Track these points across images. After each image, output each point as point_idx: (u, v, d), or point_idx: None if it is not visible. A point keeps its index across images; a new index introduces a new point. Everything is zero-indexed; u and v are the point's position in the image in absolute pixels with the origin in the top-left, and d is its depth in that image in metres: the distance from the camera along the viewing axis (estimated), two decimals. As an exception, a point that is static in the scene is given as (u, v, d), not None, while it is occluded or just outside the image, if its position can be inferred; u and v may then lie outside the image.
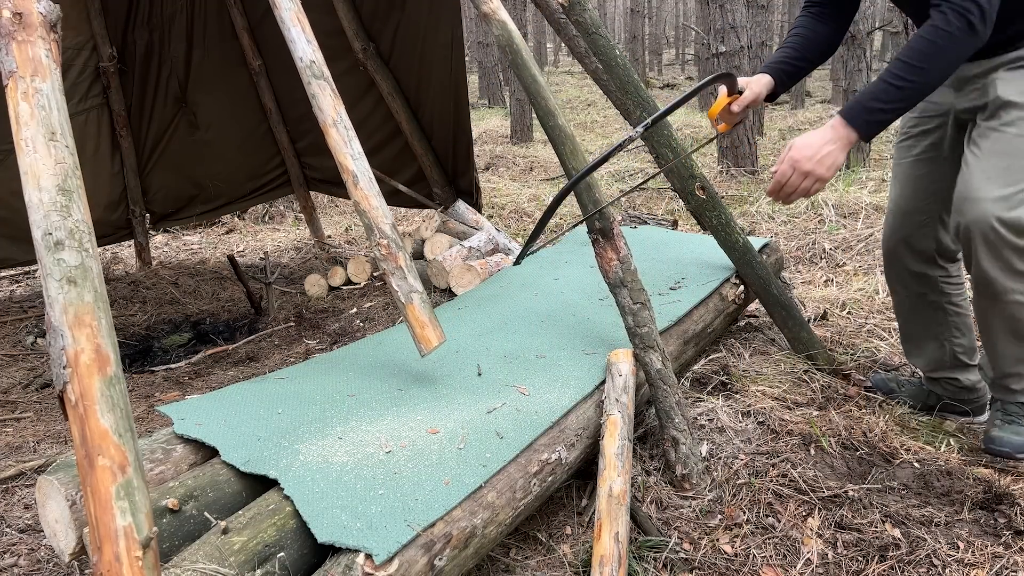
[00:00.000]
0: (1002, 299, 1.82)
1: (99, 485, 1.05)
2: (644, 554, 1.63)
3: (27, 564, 1.75)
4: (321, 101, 1.96)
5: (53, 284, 1.15)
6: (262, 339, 3.63)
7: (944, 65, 1.70)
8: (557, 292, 2.60)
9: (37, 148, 1.23)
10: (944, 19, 1.68)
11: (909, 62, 1.70)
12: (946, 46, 1.68)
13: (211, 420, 1.68)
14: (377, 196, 1.94)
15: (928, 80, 1.71)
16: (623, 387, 1.81)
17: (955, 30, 1.66)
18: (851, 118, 1.75)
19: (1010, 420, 1.93)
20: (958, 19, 1.65)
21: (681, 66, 24.29)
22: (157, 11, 4.49)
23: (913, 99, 1.75)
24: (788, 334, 2.51)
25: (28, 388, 3.11)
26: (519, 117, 10.05)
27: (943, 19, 1.68)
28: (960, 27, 1.65)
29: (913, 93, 1.73)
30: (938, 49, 1.69)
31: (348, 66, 4.22)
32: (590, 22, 2.35)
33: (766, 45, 7.09)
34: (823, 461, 1.97)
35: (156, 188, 5.01)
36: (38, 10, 1.32)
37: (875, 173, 6.08)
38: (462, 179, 4.44)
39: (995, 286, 1.81)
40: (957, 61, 1.71)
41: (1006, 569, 1.57)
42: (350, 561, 1.22)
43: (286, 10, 2.01)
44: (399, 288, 1.88)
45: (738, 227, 2.45)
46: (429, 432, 1.62)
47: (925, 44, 1.70)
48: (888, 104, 1.73)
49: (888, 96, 1.72)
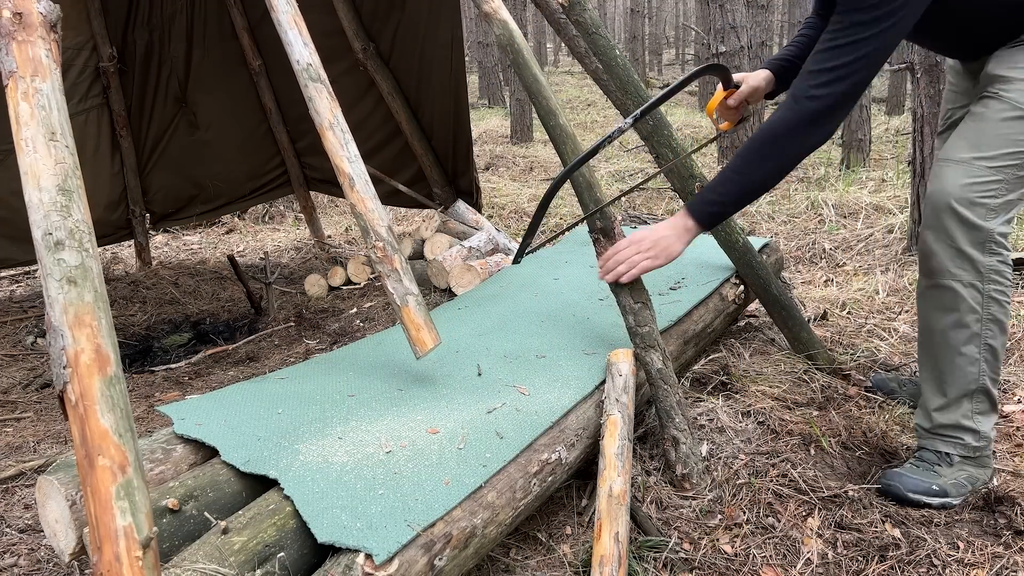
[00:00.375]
0: (936, 280, 1.74)
1: (99, 485, 1.05)
2: (644, 554, 1.63)
3: (27, 564, 1.75)
4: (318, 104, 1.97)
5: (53, 284, 1.15)
6: (262, 339, 3.63)
7: (782, 160, 1.67)
8: (557, 292, 2.60)
9: (37, 148, 1.23)
10: (788, 108, 1.64)
11: (746, 155, 1.68)
12: (785, 138, 1.65)
13: (211, 420, 1.68)
14: (373, 199, 1.94)
15: (764, 175, 1.68)
16: (623, 387, 1.81)
17: (797, 121, 1.62)
18: (692, 207, 1.76)
19: (918, 464, 1.81)
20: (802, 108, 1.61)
21: (681, 66, 24.29)
22: (157, 11, 4.49)
23: (749, 192, 1.72)
24: (788, 334, 2.51)
25: (28, 388, 3.11)
26: (519, 117, 10.05)
27: (788, 107, 1.64)
28: (803, 119, 1.62)
29: (749, 187, 1.71)
30: (776, 141, 1.65)
31: (348, 66, 4.23)
32: (590, 22, 2.35)
33: (766, 45, 7.08)
34: (823, 461, 1.97)
35: (156, 188, 5.01)
36: (38, 10, 1.32)
37: (875, 173, 6.08)
38: (462, 179, 4.44)
39: (932, 261, 1.73)
40: (796, 155, 1.67)
41: (1006, 569, 1.57)
42: (350, 561, 1.22)
43: (283, 12, 2.02)
44: (395, 290, 1.88)
45: (738, 227, 2.45)
46: (429, 432, 1.62)
47: (764, 135, 1.66)
48: (724, 196, 1.72)
49: (725, 188, 1.72)
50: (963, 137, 1.73)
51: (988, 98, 1.70)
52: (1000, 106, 1.67)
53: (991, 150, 1.67)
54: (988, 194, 1.66)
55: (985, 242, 1.68)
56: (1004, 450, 2.01)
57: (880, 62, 1.59)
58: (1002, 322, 1.72)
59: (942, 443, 1.80)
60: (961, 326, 1.73)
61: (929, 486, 1.76)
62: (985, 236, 1.67)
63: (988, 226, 1.67)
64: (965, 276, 1.70)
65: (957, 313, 1.72)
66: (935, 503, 1.75)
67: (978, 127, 1.70)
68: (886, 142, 8.01)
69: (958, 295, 1.71)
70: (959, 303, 1.72)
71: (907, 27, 1.58)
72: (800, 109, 1.62)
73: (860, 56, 1.56)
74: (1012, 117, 1.66)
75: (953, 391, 1.77)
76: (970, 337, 1.73)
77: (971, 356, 1.73)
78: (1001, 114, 1.67)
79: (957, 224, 1.68)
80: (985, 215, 1.67)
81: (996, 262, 1.69)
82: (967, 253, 1.68)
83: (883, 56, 1.59)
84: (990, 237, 1.67)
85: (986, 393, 1.76)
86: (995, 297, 1.70)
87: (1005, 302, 1.72)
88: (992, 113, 1.68)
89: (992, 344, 1.73)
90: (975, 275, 1.69)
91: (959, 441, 1.78)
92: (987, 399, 1.77)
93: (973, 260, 1.68)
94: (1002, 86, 1.67)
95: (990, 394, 1.76)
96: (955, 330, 1.74)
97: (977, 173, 1.67)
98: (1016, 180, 1.68)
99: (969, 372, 1.74)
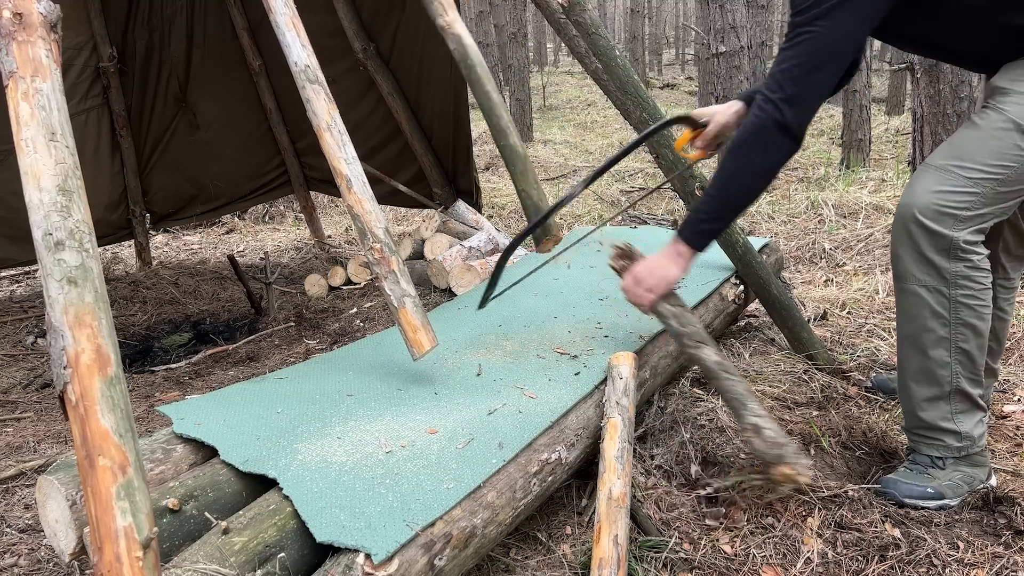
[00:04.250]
0: (902, 284, 1.72)
1: (100, 485, 1.06)
2: (644, 554, 1.63)
3: (27, 564, 1.75)
4: (315, 105, 1.97)
5: (53, 284, 1.15)
6: (262, 339, 3.63)
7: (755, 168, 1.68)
8: (557, 292, 2.60)
9: (37, 148, 1.23)
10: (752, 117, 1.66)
11: (721, 171, 1.71)
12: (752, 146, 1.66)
13: (211, 420, 1.68)
14: (371, 200, 1.94)
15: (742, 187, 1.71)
16: (623, 390, 1.81)
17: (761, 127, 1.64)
18: (682, 232, 1.80)
19: (912, 468, 1.82)
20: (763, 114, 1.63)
21: (681, 66, 24.29)
22: (157, 11, 4.50)
23: (732, 207, 1.75)
24: (788, 334, 2.51)
25: (28, 388, 3.11)
26: (519, 117, 10.05)
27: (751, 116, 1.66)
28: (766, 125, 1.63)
29: (730, 202, 1.73)
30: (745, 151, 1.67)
31: (348, 66, 4.23)
32: (590, 22, 2.35)
33: (766, 45, 7.09)
34: (823, 461, 1.97)
35: (156, 188, 5.02)
36: (38, 10, 1.32)
37: (875, 173, 6.08)
38: (462, 179, 4.44)
39: (899, 265, 1.72)
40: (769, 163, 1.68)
41: (1006, 569, 1.57)
42: (350, 561, 1.22)
43: (281, 15, 2.02)
44: (392, 292, 1.89)
45: (738, 227, 2.45)
46: (428, 432, 1.62)
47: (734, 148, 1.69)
48: (709, 215, 1.76)
49: (708, 207, 1.76)
50: (951, 143, 1.71)
51: (986, 109, 1.68)
52: (996, 117, 1.64)
53: (973, 161, 1.63)
54: (960, 205, 1.63)
55: (950, 249, 1.65)
56: (1004, 450, 2.01)
57: (829, 60, 1.60)
58: (974, 325, 1.69)
59: (926, 446, 1.79)
60: (927, 330, 1.71)
61: (924, 490, 1.75)
62: (949, 243, 1.64)
63: (953, 235, 1.64)
64: (930, 281, 1.68)
65: (922, 318, 1.71)
66: (932, 506, 1.75)
67: (967, 136, 1.68)
68: (886, 142, 8.02)
69: (922, 300, 1.70)
70: (923, 308, 1.70)
71: (853, 26, 1.59)
72: (761, 115, 1.65)
73: (805, 55, 1.59)
74: (1003, 129, 1.62)
75: (925, 392, 1.75)
76: (937, 341, 1.71)
77: (940, 359, 1.71)
78: (994, 125, 1.64)
79: (920, 231, 1.66)
80: (953, 225, 1.64)
81: (963, 268, 1.66)
82: (931, 259, 1.66)
83: (829, 54, 1.60)
84: (955, 244, 1.64)
85: (962, 394, 1.74)
86: (964, 302, 1.67)
87: (978, 306, 1.68)
88: (985, 124, 1.65)
89: (964, 347, 1.70)
90: (939, 280, 1.67)
91: (940, 443, 1.77)
92: (965, 399, 1.74)
93: (937, 266, 1.66)
94: (1000, 98, 1.64)
95: (968, 395, 1.74)
96: (922, 334, 1.72)
97: (953, 182, 1.64)
98: (994, 196, 1.63)
99: (941, 375, 1.72)
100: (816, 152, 7.84)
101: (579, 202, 6.09)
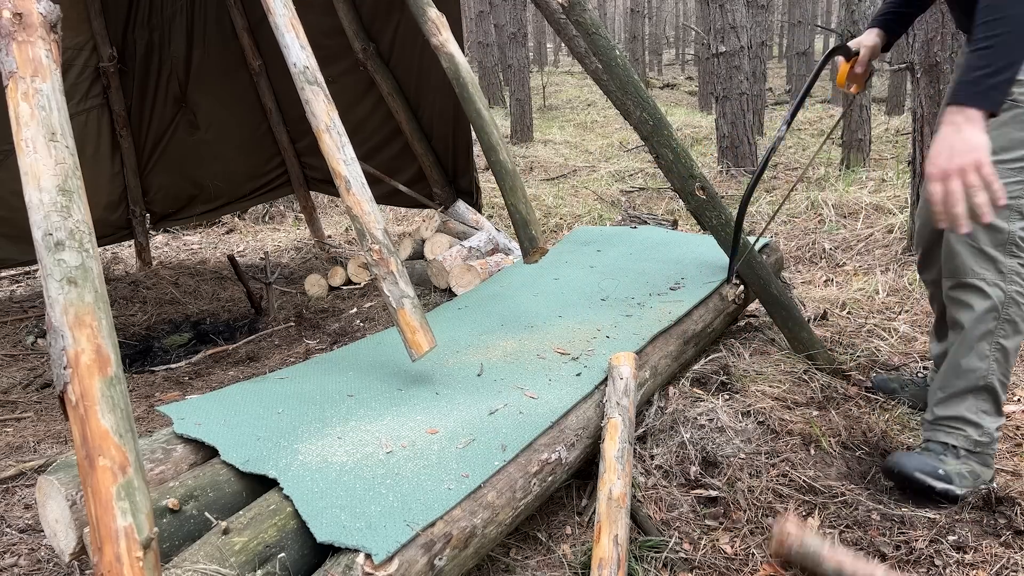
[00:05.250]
0: (961, 279, 1.75)
1: (100, 485, 1.06)
2: (644, 554, 1.63)
3: (27, 564, 1.75)
4: (314, 107, 1.97)
5: (53, 284, 1.15)
6: (262, 339, 3.63)
7: None
8: (557, 292, 2.60)
9: (37, 148, 1.23)
10: None
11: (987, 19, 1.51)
12: None
13: (211, 420, 1.68)
14: (369, 201, 1.94)
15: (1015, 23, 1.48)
16: (624, 390, 1.81)
17: None
18: (958, 99, 1.53)
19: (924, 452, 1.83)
20: None
21: (681, 66, 24.29)
22: (157, 11, 4.49)
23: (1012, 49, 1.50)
24: (788, 334, 2.51)
25: (28, 388, 3.11)
26: (519, 117, 10.05)
27: None
28: None
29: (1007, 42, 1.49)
30: None
31: (348, 66, 4.22)
32: (590, 22, 2.35)
33: (766, 45, 7.09)
34: (823, 461, 1.97)
35: (156, 188, 5.01)
36: (38, 10, 1.32)
37: (875, 173, 6.07)
38: (462, 179, 4.44)
39: (956, 261, 1.75)
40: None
41: (1006, 569, 1.57)
42: (350, 561, 1.22)
43: (280, 16, 2.02)
44: (391, 293, 1.89)
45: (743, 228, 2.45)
46: (429, 432, 1.62)
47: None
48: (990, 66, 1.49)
49: (984, 60, 1.50)
50: None
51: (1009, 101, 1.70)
52: (1017, 111, 1.68)
53: (1010, 153, 1.68)
54: (1011, 196, 1.67)
55: (1007, 244, 1.70)
56: (1004, 450, 2.01)
57: None
58: (1017, 324, 1.74)
59: (944, 434, 1.81)
60: (980, 323, 1.75)
61: (935, 469, 1.77)
62: (1007, 238, 1.70)
63: (1010, 228, 1.69)
64: (988, 275, 1.73)
65: (979, 311, 1.75)
66: (939, 487, 1.75)
67: (997, 131, 1.70)
68: (886, 142, 8.01)
69: (982, 292, 1.74)
70: (982, 301, 1.74)
71: None
72: None
73: None
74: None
75: (960, 384, 1.78)
76: (985, 334, 1.75)
77: (982, 352, 1.75)
78: (1018, 117, 1.68)
79: (979, 226, 1.68)
80: (1008, 216, 1.69)
81: (1017, 264, 1.71)
82: (989, 253, 1.72)
83: None
84: (1011, 239, 1.70)
85: (991, 392, 1.77)
86: (1015, 299, 1.73)
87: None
88: (1008, 116, 1.69)
89: (1004, 344, 1.75)
90: (997, 275, 1.72)
91: (961, 432, 1.79)
92: (992, 399, 1.78)
93: (995, 260, 1.71)
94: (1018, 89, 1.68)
95: (995, 394, 1.77)
96: (974, 327, 1.76)
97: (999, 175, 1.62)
98: None
99: (978, 367, 1.76)
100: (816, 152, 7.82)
101: (579, 202, 6.10)
